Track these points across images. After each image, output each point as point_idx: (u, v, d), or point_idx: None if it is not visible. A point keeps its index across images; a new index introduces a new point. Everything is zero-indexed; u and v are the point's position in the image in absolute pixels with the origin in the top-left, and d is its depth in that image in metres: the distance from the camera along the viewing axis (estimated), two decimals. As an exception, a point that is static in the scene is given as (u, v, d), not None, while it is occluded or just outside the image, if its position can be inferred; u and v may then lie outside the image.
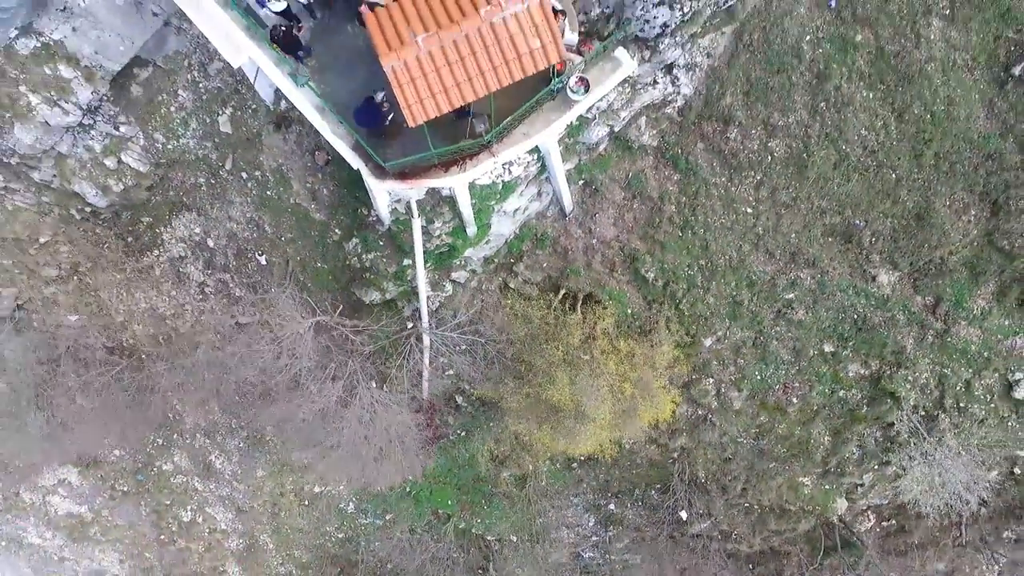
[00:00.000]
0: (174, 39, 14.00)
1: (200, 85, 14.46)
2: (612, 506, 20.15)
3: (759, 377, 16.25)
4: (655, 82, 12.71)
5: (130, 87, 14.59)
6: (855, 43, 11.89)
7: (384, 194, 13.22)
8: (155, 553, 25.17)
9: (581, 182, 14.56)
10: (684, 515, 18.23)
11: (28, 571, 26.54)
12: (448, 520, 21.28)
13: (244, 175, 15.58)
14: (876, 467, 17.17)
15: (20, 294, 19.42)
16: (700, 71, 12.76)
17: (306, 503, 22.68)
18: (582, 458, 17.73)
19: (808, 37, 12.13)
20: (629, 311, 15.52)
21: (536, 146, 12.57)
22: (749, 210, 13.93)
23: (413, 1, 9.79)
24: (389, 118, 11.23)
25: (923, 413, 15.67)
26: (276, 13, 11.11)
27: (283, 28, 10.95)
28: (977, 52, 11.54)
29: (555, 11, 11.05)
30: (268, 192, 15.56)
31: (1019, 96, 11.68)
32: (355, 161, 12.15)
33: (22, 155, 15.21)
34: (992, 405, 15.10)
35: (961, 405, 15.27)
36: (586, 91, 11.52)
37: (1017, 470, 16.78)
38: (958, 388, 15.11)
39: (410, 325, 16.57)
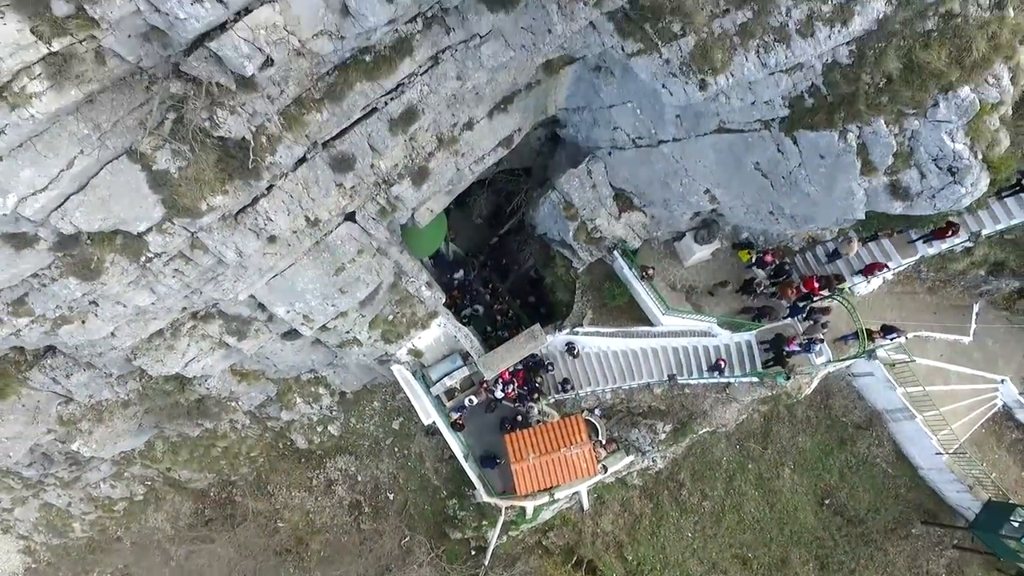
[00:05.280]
0: (380, 377, 26.47)
1: (388, 403, 26.85)
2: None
3: (688, 623, 26.95)
4: (643, 461, 24.84)
5: (347, 394, 26.98)
6: (748, 468, 24.09)
7: (484, 495, 24.94)
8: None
9: (595, 496, 26.31)
10: None
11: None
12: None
13: (396, 450, 27.55)
14: None
15: (215, 477, 30.87)
16: (667, 459, 24.90)
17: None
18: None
19: (725, 458, 24.36)
20: (614, 575, 26.65)
21: (575, 489, 24.50)
22: (689, 535, 25.51)
23: (530, 437, 22.09)
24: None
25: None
26: (457, 409, 23.43)
27: (455, 421, 23.26)
28: (807, 488, 23.68)
29: (593, 425, 23.40)
30: (408, 463, 27.43)
31: (830, 513, 23.64)
32: (477, 483, 23.96)
33: (270, 416, 27.28)
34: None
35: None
36: (605, 472, 23.54)
37: None
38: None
39: (472, 553, 27.80)
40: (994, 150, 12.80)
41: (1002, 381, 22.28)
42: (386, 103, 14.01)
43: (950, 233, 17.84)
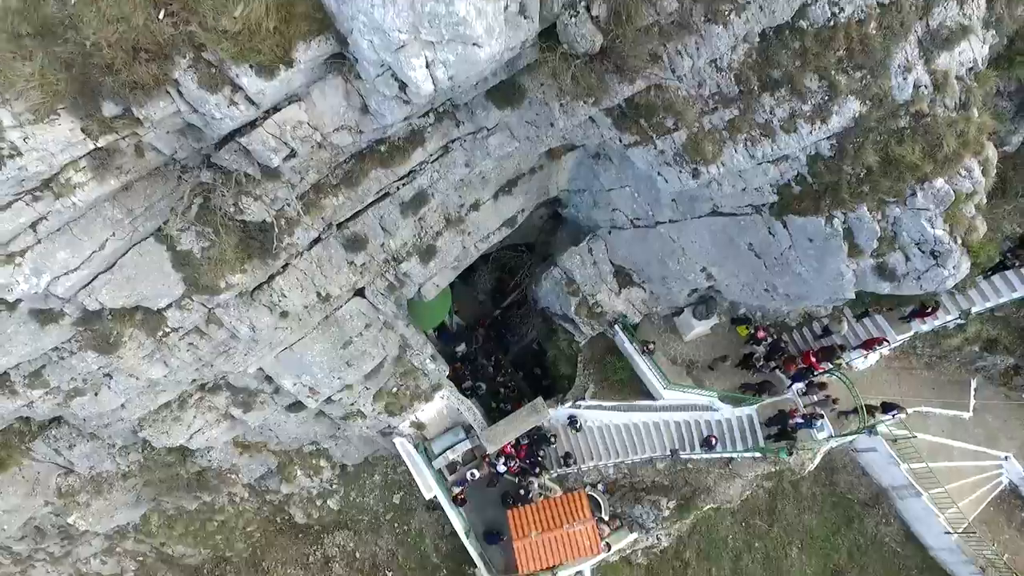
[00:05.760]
0: (382, 449, 26.45)
1: (388, 477, 26.68)
2: None
3: None
4: (647, 539, 24.40)
5: (348, 467, 26.84)
6: (755, 547, 23.68)
7: (485, 574, 24.38)
8: None
9: (600, 573, 25.68)
10: None
11: None
12: None
13: (396, 525, 27.11)
14: None
15: (209, 553, 30.14)
16: (672, 536, 24.47)
17: None
18: None
19: (731, 536, 23.99)
20: (618, 658, 25.62)
21: (578, 568, 23.98)
22: (697, 618, 24.72)
23: (532, 513, 21.88)
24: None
25: None
26: (459, 483, 23.31)
27: (457, 496, 23.09)
28: (816, 569, 23.21)
29: (596, 501, 23.15)
30: (408, 539, 26.93)
31: (840, 597, 23.11)
32: (478, 561, 23.50)
33: (269, 489, 27.05)
34: None
35: None
36: (609, 550, 23.12)
37: None
38: None
39: (472, 635, 26.77)
40: (972, 235, 13.57)
41: (1006, 458, 22.25)
42: (398, 188, 14.98)
43: (930, 311, 18.52)
